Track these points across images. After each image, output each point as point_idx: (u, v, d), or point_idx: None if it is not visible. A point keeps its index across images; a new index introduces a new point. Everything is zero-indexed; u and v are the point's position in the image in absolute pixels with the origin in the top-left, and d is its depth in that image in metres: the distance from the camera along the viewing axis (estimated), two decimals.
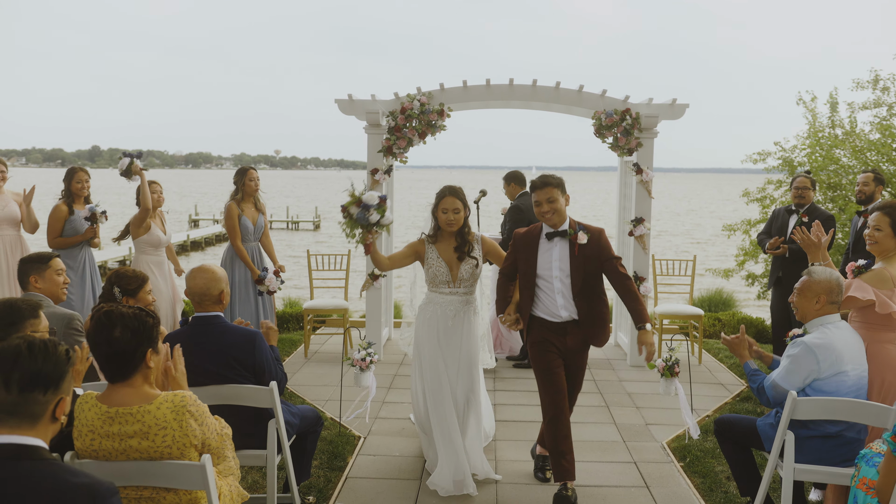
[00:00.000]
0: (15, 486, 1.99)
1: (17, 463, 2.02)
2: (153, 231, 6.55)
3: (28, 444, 2.06)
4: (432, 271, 4.64)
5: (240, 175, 6.86)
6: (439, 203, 4.60)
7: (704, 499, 4.47)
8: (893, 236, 4.01)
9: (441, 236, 4.66)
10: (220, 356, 3.71)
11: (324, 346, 8.23)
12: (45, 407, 2.10)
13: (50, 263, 4.19)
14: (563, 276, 4.25)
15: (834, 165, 11.91)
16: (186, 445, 2.71)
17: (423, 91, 7.30)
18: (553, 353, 4.31)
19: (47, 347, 2.13)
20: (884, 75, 12.02)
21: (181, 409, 2.68)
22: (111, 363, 2.62)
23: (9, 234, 6.46)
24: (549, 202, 4.21)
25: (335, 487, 4.56)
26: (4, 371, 2.07)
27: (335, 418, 5.72)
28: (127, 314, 2.63)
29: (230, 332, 3.75)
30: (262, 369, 3.78)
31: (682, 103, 7.27)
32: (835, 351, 3.67)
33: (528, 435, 5.52)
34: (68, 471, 2.05)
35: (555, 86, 7.38)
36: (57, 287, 4.20)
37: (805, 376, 3.68)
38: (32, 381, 2.07)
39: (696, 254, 10.32)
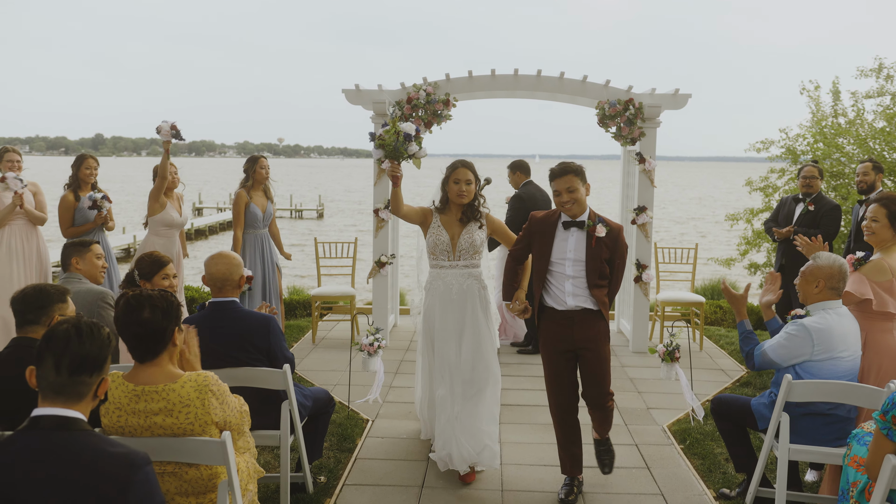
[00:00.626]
0: (60, 454, 2.13)
1: (62, 433, 2.17)
2: (168, 210, 6.65)
3: (71, 416, 2.20)
4: (433, 239, 4.60)
5: (251, 163, 6.98)
6: (451, 174, 4.57)
7: (703, 479, 4.61)
8: (890, 227, 4.13)
9: (448, 209, 4.63)
10: (237, 340, 3.85)
11: (331, 332, 8.37)
12: (90, 387, 2.25)
13: (91, 248, 4.67)
14: (575, 264, 4.12)
15: (837, 154, 11.96)
16: (208, 423, 2.84)
17: (429, 81, 7.40)
18: (562, 349, 4.21)
19: (93, 332, 2.26)
20: (888, 63, 12.05)
21: (204, 388, 2.82)
22: (142, 343, 2.76)
23: (22, 222, 6.57)
24: (568, 191, 4.05)
25: (345, 468, 4.71)
26: (56, 355, 2.20)
27: (343, 402, 5.86)
28: (154, 295, 2.77)
29: (246, 317, 3.90)
30: (275, 353, 3.92)
31: (684, 93, 7.36)
32: (831, 336, 3.80)
33: (531, 418, 5.65)
34: (107, 441, 2.19)
35: (559, 76, 7.48)
36: (96, 269, 4.67)
37: (797, 355, 3.81)
38: (81, 365, 2.21)
39: (700, 242, 10.43)
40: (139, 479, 2.14)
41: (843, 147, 12.17)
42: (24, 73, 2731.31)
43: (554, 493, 4.38)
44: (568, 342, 4.19)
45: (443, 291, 4.61)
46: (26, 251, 6.52)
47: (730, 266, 13.55)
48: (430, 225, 4.64)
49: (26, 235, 6.55)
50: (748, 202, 13.65)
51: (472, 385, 4.58)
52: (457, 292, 4.59)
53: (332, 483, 4.50)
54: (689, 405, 5.75)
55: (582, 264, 4.11)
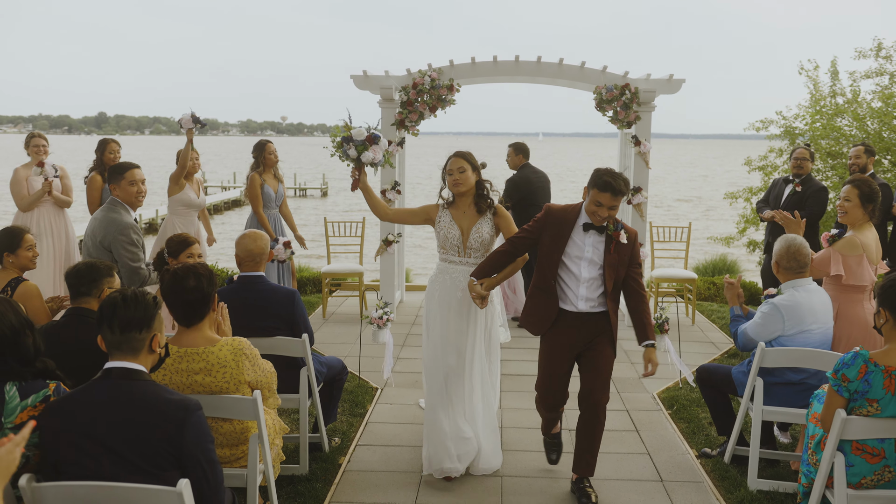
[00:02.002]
0: (128, 398, 2.55)
1: (128, 382, 2.59)
2: (186, 191, 7.00)
3: (133, 368, 2.62)
4: (443, 233, 4.47)
5: (258, 149, 7.30)
6: (446, 165, 4.49)
7: (687, 440, 5.00)
8: (861, 207, 4.48)
9: (456, 203, 4.51)
10: (264, 311, 4.24)
11: (340, 307, 8.77)
12: (143, 342, 2.65)
13: (125, 175, 5.07)
14: (591, 267, 3.98)
15: (835, 134, 12.20)
16: (241, 382, 3.23)
17: (434, 67, 7.72)
18: (564, 353, 4.09)
19: (137, 298, 2.65)
20: (887, 44, 12.22)
21: (238, 351, 3.22)
22: (188, 310, 3.15)
23: (50, 204, 6.95)
24: (610, 209, 3.90)
25: (357, 431, 5.11)
26: (108, 318, 2.63)
27: (354, 372, 6.26)
28: (197, 266, 3.18)
29: (273, 290, 4.31)
30: (298, 324, 4.32)
31: (678, 78, 7.67)
32: (800, 312, 4.17)
33: (529, 386, 6.04)
34: (165, 389, 2.60)
35: (558, 62, 7.79)
36: (131, 196, 5.06)
37: (771, 332, 4.19)
38: (129, 324, 2.62)
39: (704, 220, 10.74)
40: (193, 420, 2.56)
41: (841, 128, 12.42)
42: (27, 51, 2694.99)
43: None
44: (575, 344, 4.08)
45: (449, 288, 4.46)
46: (55, 231, 6.90)
47: (729, 244, 13.84)
48: (437, 220, 4.51)
49: (54, 216, 6.94)
50: (750, 181, 13.90)
51: (470, 388, 4.45)
52: (463, 290, 4.42)
53: (345, 444, 4.90)
54: (678, 375, 6.15)
55: (597, 267, 3.98)
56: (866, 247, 4.40)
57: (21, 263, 4.54)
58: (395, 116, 7.76)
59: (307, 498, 4.11)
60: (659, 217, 27.34)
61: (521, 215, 7.85)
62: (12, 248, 4.51)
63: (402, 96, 7.73)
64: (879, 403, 3.16)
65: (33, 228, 6.74)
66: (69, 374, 2.85)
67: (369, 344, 6.78)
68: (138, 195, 5.12)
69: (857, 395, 3.17)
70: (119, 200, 5.10)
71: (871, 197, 4.45)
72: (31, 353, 2.66)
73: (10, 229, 4.66)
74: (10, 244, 4.53)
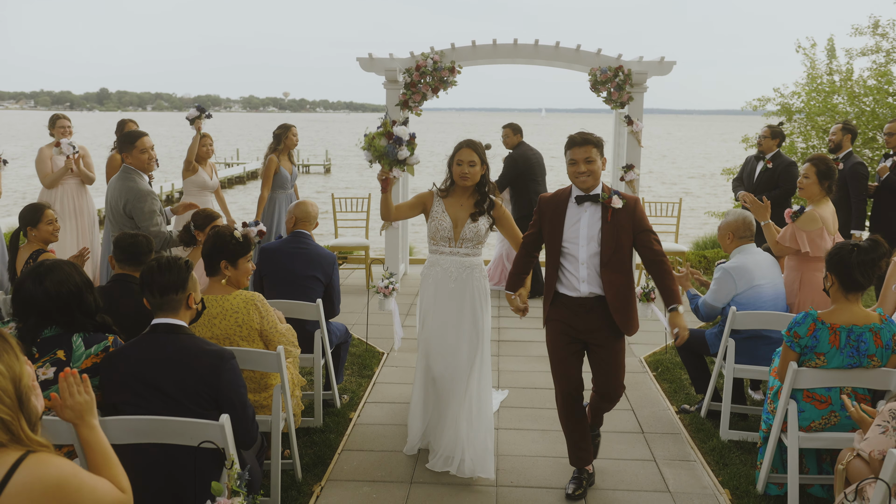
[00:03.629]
0: (171, 350, 3.01)
1: (172, 335, 3.05)
2: (200, 174, 7.41)
3: (175, 323, 3.09)
4: (435, 224, 4.30)
5: (283, 129, 7.68)
6: (455, 154, 4.29)
7: (669, 398, 5.46)
8: (818, 183, 4.89)
9: (453, 191, 4.34)
10: (307, 263, 4.95)
11: (347, 279, 9.21)
12: (180, 302, 3.11)
13: (136, 144, 5.36)
14: (590, 244, 3.81)
15: (830, 112, 12.47)
16: (251, 328, 3.77)
17: (436, 50, 8.09)
18: (568, 337, 3.94)
19: (171, 265, 3.12)
20: (883, 21, 12.44)
21: (250, 301, 3.79)
22: (230, 258, 3.83)
23: (73, 182, 7.38)
24: (586, 162, 3.76)
25: (365, 390, 5.57)
26: (148, 284, 3.10)
27: (362, 339, 6.72)
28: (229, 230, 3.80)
29: (318, 248, 5.06)
30: (333, 287, 5.02)
31: (669, 61, 8.03)
32: (747, 271, 4.64)
33: (525, 351, 6.51)
34: (202, 341, 3.08)
35: (554, 45, 8.15)
36: (143, 163, 5.40)
37: (727, 293, 4.65)
38: (166, 288, 3.07)
39: (709, 197, 11.09)
40: (228, 367, 3.02)
41: (836, 106, 12.71)
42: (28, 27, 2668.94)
43: (543, 411, 5.23)
44: (578, 332, 3.92)
45: (441, 279, 4.34)
46: (77, 208, 7.33)
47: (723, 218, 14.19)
48: (431, 211, 4.34)
49: (77, 194, 7.37)
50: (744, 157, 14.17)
51: (463, 381, 4.31)
52: (455, 280, 4.31)
53: (355, 401, 5.36)
54: (665, 341, 6.61)
55: (597, 243, 3.81)
56: (825, 220, 4.82)
57: (43, 237, 5.00)
58: (399, 97, 8.14)
59: (322, 447, 4.57)
60: (675, 194, 27.68)
61: (520, 193, 8.25)
62: (34, 223, 4.96)
63: (405, 78, 8.10)
64: (826, 356, 3.60)
65: (56, 206, 7.17)
66: (120, 328, 3.31)
67: (376, 312, 7.23)
68: (150, 161, 5.44)
69: (807, 350, 3.61)
70: (132, 167, 5.38)
71: (827, 174, 4.85)
72: (92, 309, 3.11)
73: (32, 205, 5.12)
74: (32, 219, 4.98)
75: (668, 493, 4.09)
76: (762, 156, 7.47)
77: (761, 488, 3.97)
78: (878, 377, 3.60)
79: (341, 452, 4.53)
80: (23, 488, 1.90)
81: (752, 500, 3.97)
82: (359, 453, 4.53)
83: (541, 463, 4.44)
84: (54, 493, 1.94)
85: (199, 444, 2.77)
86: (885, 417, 2.90)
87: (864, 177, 7.12)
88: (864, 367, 3.57)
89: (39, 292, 3.00)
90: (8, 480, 1.89)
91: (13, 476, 1.90)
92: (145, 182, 5.42)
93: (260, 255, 5.06)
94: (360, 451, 4.57)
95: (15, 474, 1.90)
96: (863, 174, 7.09)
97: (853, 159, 7.11)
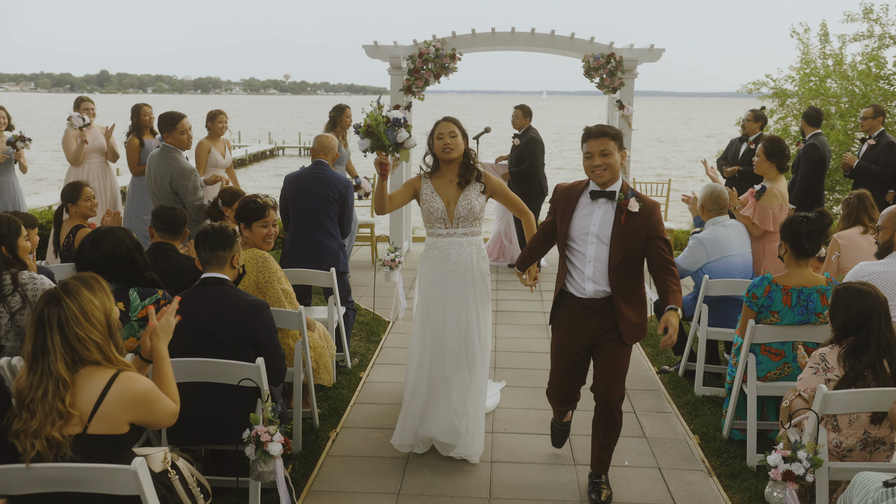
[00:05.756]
0: (218, 297, 3.57)
1: (218, 286, 3.60)
2: (213, 154, 7.88)
3: (221, 277, 3.64)
4: (427, 207, 4.25)
5: (338, 111, 8.01)
6: (434, 130, 4.25)
7: (651, 361, 5.98)
8: (767, 161, 5.40)
9: (440, 171, 4.29)
10: (326, 187, 5.70)
11: (354, 255, 9.71)
12: (226, 259, 3.66)
13: (177, 126, 5.87)
14: (599, 243, 3.64)
15: (823, 95, 12.84)
16: (249, 280, 4.28)
17: (438, 38, 8.55)
18: (572, 347, 3.79)
19: (222, 228, 3.68)
20: (876, 7, 12.78)
21: (253, 257, 4.35)
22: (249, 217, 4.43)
23: (98, 161, 7.88)
24: (602, 155, 3.56)
25: (373, 354, 6.09)
26: (202, 241, 3.66)
27: (369, 309, 7.24)
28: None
29: (335, 174, 5.84)
30: (348, 206, 5.80)
31: (658, 48, 8.49)
32: (719, 242, 5.14)
33: (521, 320, 7.02)
34: (243, 292, 3.65)
35: (550, 33, 8.62)
36: (183, 143, 5.90)
37: (697, 261, 5.17)
38: (216, 245, 3.62)
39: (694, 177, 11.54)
40: (263, 315, 3.58)
41: (829, 89, 13.08)
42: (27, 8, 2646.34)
43: (537, 364, 5.75)
44: (584, 335, 3.75)
45: (440, 261, 4.29)
46: (102, 187, 7.82)
47: None
48: (420, 193, 4.30)
49: (102, 173, 7.87)
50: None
51: (463, 363, 4.28)
52: (455, 262, 4.26)
53: (364, 363, 5.88)
54: (650, 311, 7.11)
55: (606, 245, 3.63)
56: (783, 195, 5.33)
57: (82, 212, 5.50)
58: (403, 83, 8.61)
59: (336, 401, 5.09)
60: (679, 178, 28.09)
61: (531, 178, 8.57)
62: (74, 200, 5.46)
63: (409, 64, 8.57)
64: (779, 314, 4.11)
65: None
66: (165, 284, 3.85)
67: (382, 285, 7.74)
68: (188, 140, 6.00)
69: (763, 309, 4.12)
70: (171, 146, 5.85)
71: (774, 153, 5.37)
72: (142, 267, 3.64)
73: (72, 184, 5.62)
74: (72, 196, 5.48)
75: (644, 439, 4.61)
76: (746, 137, 7.96)
77: (726, 433, 4.50)
78: (825, 332, 4.09)
79: (353, 405, 5.06)
80: (118, 397, 2.49)
81: (718, 443, 4.49)
82: (369, 406, 5.06)
83: (532, 415, 4.95)
84: (141, 401, 2.55)
85: (239, 381, 3.29)
86: (815, 360, 3.42)
87: (827, 156, 7.58)
88: (812, 323, 4.08)
89: (97, 254, 3.52)
90: (107, 391, 2.48)
91: (111, 388, 2.47)
92: (185, 159, 5.90)
93: (284, 182, 5.84)
94: (370, 404, 5.09)
95: (112, 387, 2.47)
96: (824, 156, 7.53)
97: (819, 141, 7.54)
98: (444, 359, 4.25)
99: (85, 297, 2.51)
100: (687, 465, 4.27)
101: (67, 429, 2.44)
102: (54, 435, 2.41)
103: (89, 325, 2.49)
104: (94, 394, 2.48)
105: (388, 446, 4.46)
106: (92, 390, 2.49)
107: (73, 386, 2.47)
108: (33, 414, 2.41)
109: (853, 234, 4.98)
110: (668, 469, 4.23)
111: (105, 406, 2.47)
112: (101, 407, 2.47)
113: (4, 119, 7.65)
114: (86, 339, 2.48)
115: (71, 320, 2.46)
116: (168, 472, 2.77)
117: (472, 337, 4.28)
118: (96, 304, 2.52)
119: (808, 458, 2.99)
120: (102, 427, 2.49)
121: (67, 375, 2.44)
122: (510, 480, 4.09)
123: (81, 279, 2.57)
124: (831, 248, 4.93)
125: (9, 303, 3.49)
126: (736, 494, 3.94)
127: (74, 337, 2.46)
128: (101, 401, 2.48)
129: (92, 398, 2.48)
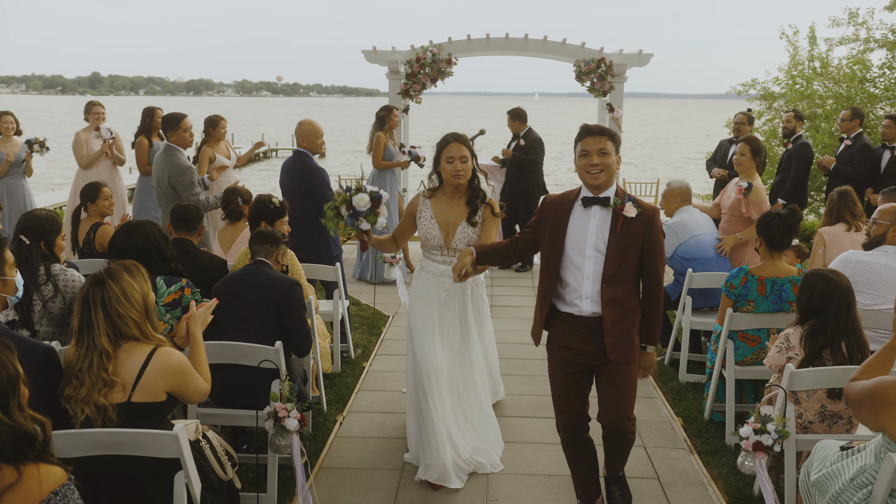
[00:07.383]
0: (262, 276, 4.05)
1: (263, 268, 4.10)
2: (218, 159, 8.17)
3: (268, 262, 4.14)
4: (423, 233, 4.06)
5: (386, 112, 8.28)
6: (442, 151, 3.97)
7: None
8: (752, 159, 5.75)
9: (441, 192, 4.07)
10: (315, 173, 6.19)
11: (352, 254, 10.01)
12: (272, 253, 4.20)
13: (180, 125, 6.22)
14: (598, 255, 3.36)
15: (809, 98, 13.16)
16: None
17: (435, 43, 8.89)
18: (570, 366, 3.49)
19: (273, 231, 4.19)
20: (862, 11, 13.09)
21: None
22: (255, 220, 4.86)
23: (106, 164, 8.16)
24: (600, 154, 3.32)
25: (375, 345, 6.40)
26: (254, 237, 4.18)
27: (370, 304, 7.54)
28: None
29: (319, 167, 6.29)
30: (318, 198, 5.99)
31: (647, 53, 8.85)
32: (686, 224, 5.59)
33: (516, 314, 7.34)
34: (281, 274, 4.09)
35: (542, 39, 8.96)
36: (185, 141, 6.25)
37: (671, 245, 5.55)
38: (265, 240, 4.11)
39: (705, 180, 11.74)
40: (295, 291, 4.06)
41: (816, 91, 13.41)
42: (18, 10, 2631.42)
43: (532, 361, 6.06)
44: (583, 357, 3.46)
45: (431, 286, 4.11)
46: (110, 188, 8.09)
47: (708, 201, 14.98)
48: (418, 216, 4.11)
49: (110, 175, 8.15)
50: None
51: (463, 394, 4.17)
52: (447, 291, 4.08)
53: (366, 354, 6.19)
54: None
55: (602, 255, 3.35)
56: (764, 191, 5.72)
57: (100, 211, 5.79)
58: (400, 86, 8.93)
59: (341, 388, 5.40)
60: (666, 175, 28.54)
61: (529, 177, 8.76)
62: (93, 199, 5.76)
63: (406, 69, 8.89)
64: (755, 303, 4.44)
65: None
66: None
67: (382, 281, 8.06)
68: (191, 138, 6.38)
69: (740, 298, 4.45)
70: (174, 145, 6.19)
71: (758, 151, 5.73)
72: (169, 257, 3.96)
73: (91, 184, 5.91)
74: (91, 195, 5.77)
75: None
76: (736, 139, 8.30)
77: (707, 415, 4.83)
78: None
79: (358, 392, 5.37)
80: (157, 370, 2.83)
81: (700, 424, 4.82)
82: (372, 392, 5.37)
83: (527, 400, 5.27)
84: (177, 374, 2.90)
85: (259, 363, 3.59)
86: (781, 340, 3.76)
87: (811, 155, 7.94)
88: (784, 311, 4.42)
89: (128, 244, 3.84)
90: (147, 364, 2.83)
91: (150, 362, 2.81)
92: (185, 158, 6.22)
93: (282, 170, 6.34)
94: (373, 391, 5.40)
95: (152, 360, 2.81)
96: (809, 154, 7.89)
97: (801, 141, 7.91)
98: (443, 384, 4.05)
99: (125, 280, 2.85)
100: (670, 444, 4.60)
101: (112, 396, 2.78)
102: (101, 401, 2.75)
103: (129, 305, 2.83)
104: (136, 366, 2.82)
105: (391, 428, 4.77)
106: (134, 363, 2.82)
107: (116, 358, 2.80)
108: (82, 382, 2.75)
109: (838, 230, 5.33)
110: (652, 447, 4.56)
111: (146, 376, 2.81)
112: (143, 377, 2.81)
113: (13, 124, 7.94)
114: (126, 317, 2.81)
115: (113, 300, 2.80)
116: (200, 441, 3.07)
117: (476, 356, 4.19)
118: (135, 287, 2.87)
119: (777, 430, 3.31)
120: (144, 395, 2.82)
121: (110, 348, 2.78)
122: (513, 454, 4.41)
123: (124, 265, 2.91)
124: (817, 243, 5.31)
125: (42, 292, 3.82)
126: (714, 469, 4.27)
127: (116, 314, 2.80)
128: (142, 372, 2.81)
129: (134, 370, 2.81)
